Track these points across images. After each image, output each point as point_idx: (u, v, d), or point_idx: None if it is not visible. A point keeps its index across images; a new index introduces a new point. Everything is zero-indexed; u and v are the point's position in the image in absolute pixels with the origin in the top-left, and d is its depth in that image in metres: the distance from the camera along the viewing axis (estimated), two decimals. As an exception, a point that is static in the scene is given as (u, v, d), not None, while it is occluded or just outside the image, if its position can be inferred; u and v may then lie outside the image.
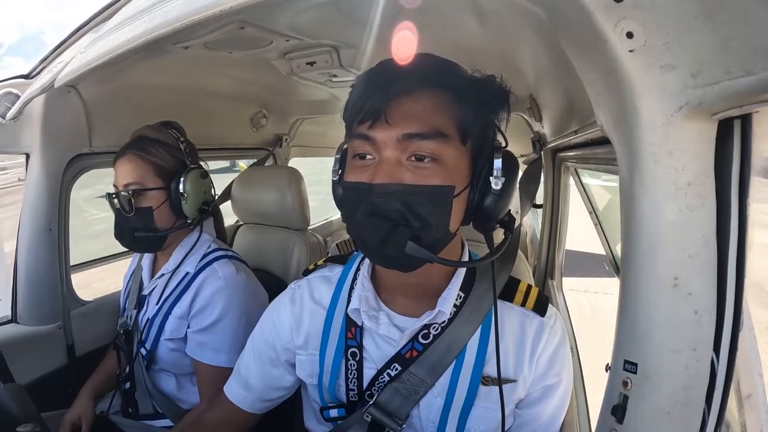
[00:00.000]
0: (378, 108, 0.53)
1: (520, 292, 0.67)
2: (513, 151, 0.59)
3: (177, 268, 1.04)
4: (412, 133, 0.53)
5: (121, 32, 0.61)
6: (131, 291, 1.13)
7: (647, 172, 0.41)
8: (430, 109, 0.54)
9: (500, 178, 0.56)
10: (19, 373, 1.10)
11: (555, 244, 1.57)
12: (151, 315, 1.05)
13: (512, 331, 0.65)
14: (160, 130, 1.05)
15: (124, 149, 1.00)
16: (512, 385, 0.63)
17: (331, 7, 0.77)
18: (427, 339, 0.64)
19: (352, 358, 0.66)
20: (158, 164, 1.00)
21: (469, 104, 0.56)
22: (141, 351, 1.04)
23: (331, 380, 0.68)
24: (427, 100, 0.54)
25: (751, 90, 0.34)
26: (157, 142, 1.01)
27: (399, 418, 0.63)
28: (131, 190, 0.97)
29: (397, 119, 0.53)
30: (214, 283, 1.00)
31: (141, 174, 0.98)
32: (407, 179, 0.53)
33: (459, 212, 0.57)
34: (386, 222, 0.52)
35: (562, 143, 1.15)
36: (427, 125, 0.53)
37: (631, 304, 0.44)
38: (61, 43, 1.00)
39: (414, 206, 0.52)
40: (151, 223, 0.99)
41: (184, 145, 1.05)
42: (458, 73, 0.58)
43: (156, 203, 0.99)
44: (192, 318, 1.00)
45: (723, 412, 0.43)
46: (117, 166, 0.99)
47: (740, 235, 0.40)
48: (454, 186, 0.54)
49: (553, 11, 0.50)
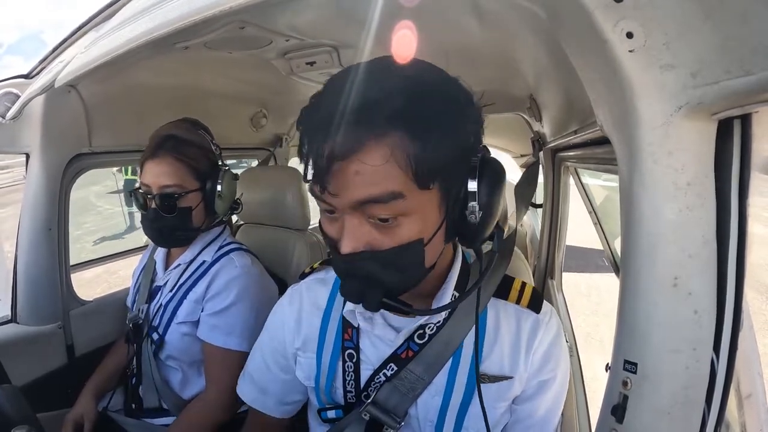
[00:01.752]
0: (320, 177, 0.48)
1: (514, 289, 0.67)
2: (513, 151, 0.59)
3: (194, 259, 1.08)
4: (361, 200, 0.48)
5: (122, 32, 0.61)
6: (142, 285, 1.14)
7: (647, 172, 0.41)
8: (378, 171, 0.47)
9: (476, 205, 0.51)
10: (19, 373, 1.11)
11: (555, 244, 1.58)
12: (164, 302, 1.07)
13: (508, 328, 0.65)
14: (192, 130, 1.05)
15: (156, 149, 0.99)
16: (508, 382, 0.63)
17: (330, 6, 0.77)
18: (423, 339, 0.64)
19: (349, 360, 0.66)
20: (195, 167, 1.02)
21: (429, 139, 0.47)
22: (152, 336, 1.06)
23: (328, 382, 0.68)
24: (373, 158, 0.46)
25: (750, 90, 0.34)
26: (192, 144, 1.02)
27: (397, 415, 0.63)
28: (172, 193, 0.98)
29: (342, 189, 0.48)
30: (230, 271, 1.04)
31: (181, 177, 0.99)
32: (374, 240, 0.50)
33: (435, 249, 0.54)
34: (360, 282, 0.52)
35: (562, 143, 1.15)
36: (377, 189, 0.47)
37: (630, 304, 0.44)
38: (61, 43, 1.00)
39: (384, 266, 0.51)
40: (189, 222, 1.03)
41: (215, 147, 1.08)
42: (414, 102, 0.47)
43: (194, 204, 1.03)
44: (207, 302, 1.03)
45: (723, 412, 0.43)
46: (151, 166, 0.99)
47: (740, 234, 0.41)
48: (422, 238, 0.51)
49: (553, 11, 0.50)
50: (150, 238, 1.06)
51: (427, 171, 0.48)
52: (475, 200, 0.51)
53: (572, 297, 3.55)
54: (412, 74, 0.49)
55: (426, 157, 0.47)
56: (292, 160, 2.21)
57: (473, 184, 0.51)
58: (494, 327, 0.65)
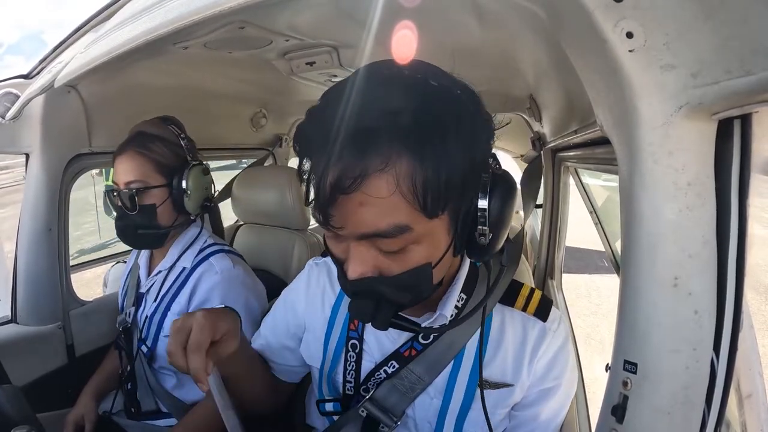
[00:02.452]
0: (323, 208, 0.46)
1: (522, 296, 0.66)
2: (513, 151, 0.58)
3: (173, 265, 1.05)
4: (367, 233, 0.46)
5: (121, 32, 0.61)
6: (129, 288, 1.13)
7: (647, 172, 0.41)
8: (384, 203, 0.44)
9: (487, 226, 0.49)
10: (19, 373, 1.10)
11: (555, 244, 1.58)
12: (149, 313, 1.05)
13: (513, 335, 0.64)
14: (159, 125, 1.03)
15: (123, 146, 0.99)
16: (509, 389, 0.63)
17: (330, 7, 0.77)
18: (427, 339, 0.64)
19: (352, 350, 0.67)
20: (160, 161, 0.99)
21: (438, 163, 0.44)
22: (142, 348, 1.05)
23: (331, 368, 0.69)
24: (378, 190, 0.43)
25: (751, 90, 0.34)
26: (157, 138, 1.00)
27: (394, 414, 0.63)
28: (134, 188, 0.96)
29: (346, 222, 0.46)
30: (211, 277, 1.01)
31: (143, 171, 0.97)
32: (382, 265, 0.49)
33: (444, 266, 0.54)
34: (370, 301, 0.51)
35: (562, 143, 1.15)
36: (383, 223, 0.45)
37: (631, 304, 0.44)
38: (61, 43, 1.00)
39: (393, 289, 0.50)
40: (154, 220, 0.99)
41: (184, 141, 1.05)
42: (421, 121, 0.43)
43: (159, 200, 0.99)
44: None
45: (723, 412, 0.43)
46: (117, 164, 0.98)
47: (740, 235, 0.40)
48: (431, 261, 0.50)
49: (553, 11, 0.50)
50: (120, 238, 1.03)
51: (436, 200, 0.45)
52: (485, 219, 0.49)
53: (573, 298, 3.55)
54: (417, 85, 0.46)
55: (434, 185, 0.44)
56: (292, 160, 2.21)
57: (484, 202, 0.49)
58: (498, 333, 0.64)
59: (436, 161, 0.44)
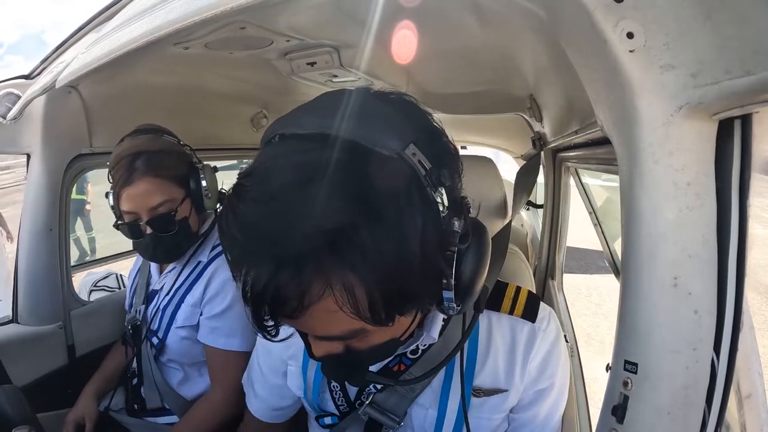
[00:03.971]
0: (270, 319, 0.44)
1: (507, 298, 0.64)
2: (513, 151, 0.58)
3: (189, 260, 1.06)
4: (323, 336, 0.45)
5: (123, 32, 0.61)
6: (138, 286, 1.14)
7: (647, 172, 0.41)
8: (331, 318, 0.41)
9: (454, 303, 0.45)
10: (19, 373, 1.10)
11: (555, 245, 1.57)
12: (162, 305, 1.06)
13: (503, 340, 0.63)
14: (156, 139, 0.99)
15: (130, 173, 0.91)
16: (503, 395, 0.62)
17: (331, 7, 0.77)
18: (416, 354, 0.63)
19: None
20: (175, 175, 0.97)
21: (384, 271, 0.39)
22: (152, 340, 1.06)
23: (315, 395, 0.68)
24: (323, 310, 0.40)
25: (751, 90, 0.34)
26: (162, 153, 0.96)
27: (396, 415, 0.63)
28: (171, 211, 0.95)
29: (298, 328, 0.45)
30: (225, 272, 1.02)
31: (165, 191, 0.95)
32: (347, 344, 0.47)
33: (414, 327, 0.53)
34: (341, 366, 0.50)
35: (563, 143, 1.15)
36: (336, 330, 0.43)
37: (631, 304, 0.44)
38: (62, 43, 1.00)
39: (362, 358, 0.49)
40: (189, 231, 1.01)
41: (185, 148, 1.05)
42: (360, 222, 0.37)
43: (188, 212, 1.00)
44: (205, 305, 1.02)
45: (723, 412, 0.43)
46: (131, 192, 0.92)
47: (740, 234, 0.40)
48: (397, 337, 0.49)
49: (553, 11, 0.50)
50: (152, 260, 1.04)
51: (389, 309, 0.41)
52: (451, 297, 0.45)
53: (573, 298, 3.54)
54: (347, 182, 0.38)
55: (383, 298, 0.40)
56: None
57: (451, 281, 0.44)
58: (486, 339, 0.63)
59: (381, 271, 0.39)
